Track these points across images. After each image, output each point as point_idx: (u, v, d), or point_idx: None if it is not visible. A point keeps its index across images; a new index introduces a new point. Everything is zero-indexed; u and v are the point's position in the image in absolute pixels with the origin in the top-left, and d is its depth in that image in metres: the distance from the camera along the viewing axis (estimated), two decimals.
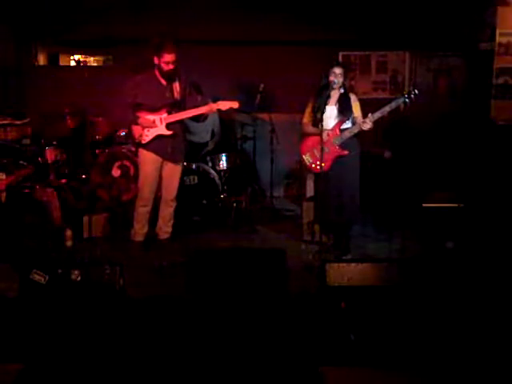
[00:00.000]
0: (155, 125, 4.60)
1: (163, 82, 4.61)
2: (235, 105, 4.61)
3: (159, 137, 4.62)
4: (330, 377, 2.58)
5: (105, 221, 5.31)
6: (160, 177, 4.77)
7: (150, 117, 4.60)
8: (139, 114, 4.61)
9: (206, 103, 4.66)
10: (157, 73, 4.59)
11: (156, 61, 4.52)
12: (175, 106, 4.62)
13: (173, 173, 4.80)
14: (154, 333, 3.21)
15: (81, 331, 3.12)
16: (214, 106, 4.58)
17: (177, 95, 4.64)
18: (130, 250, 4.78)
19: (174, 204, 4.88)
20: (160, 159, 4.70)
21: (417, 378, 2.59)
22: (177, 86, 4.65)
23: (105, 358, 2.91)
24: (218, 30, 6.62)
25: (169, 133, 4.62)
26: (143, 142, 4.65)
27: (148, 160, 4.70)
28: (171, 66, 4.49)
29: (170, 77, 4.57)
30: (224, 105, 4.59)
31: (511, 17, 6.32)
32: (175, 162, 4.77)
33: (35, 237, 4.76)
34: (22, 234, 4.69)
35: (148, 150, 4.68)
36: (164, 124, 4.61)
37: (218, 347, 3.02)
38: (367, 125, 4.36)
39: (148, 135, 4.62)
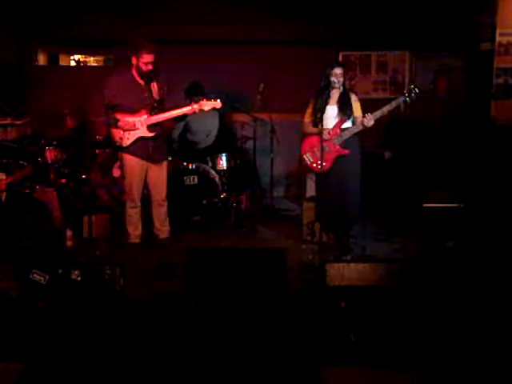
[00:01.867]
0: (136, 127, 4.49)
1: (141, 82, 4.51)
2: (218, 105, 4.49)
3: (140, 139, 4.53)
4: (329, 377, 2.58)
5: (105, 221, 5.31)
6: (146, 178, 4.71)
7: (130, 119, 4.48)
8: (118, 117, 4.51)
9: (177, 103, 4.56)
10: (134, 73, 4.49)
11: (134, 61, 4.44)
12: (155, 107, 4.51)
13: (158, 173, 4.73)
14: (153, 332, 3.21)
15: (81, 331, 3.12)
16: (197, 107, 4.47)
17: (156, 95, 4.54)
18: (130, 250, 4.77)
19: (165, 203, 4.84)
20: (143, 161, 4.62)
21: (417, 378, 2.59)
22: (155, 85, 4.54)
23: (105, 358, 2.91)
24: (218, 29, 6.62)
25: (151, 135, 4.52)
26: (124, 145, 4.55)
27: (131, 163, 4.62)
28: (150, 67, 4.41)
29: (148, 77, 4.48)
30: (206, 105, 4.47)
31: (511, 16, 6.32)
32: (157, 162, 4.69)
33: (35, 237, 4.76)
34: (22, 234, 4.69)
35: (129, 153, 4.59)
36: (145, 126, 4.50)
37: (217, 347, 3.02)
38: (370, 121, 4.35)
39: (129, 138, 4.52)
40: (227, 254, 3.95)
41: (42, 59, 7.37)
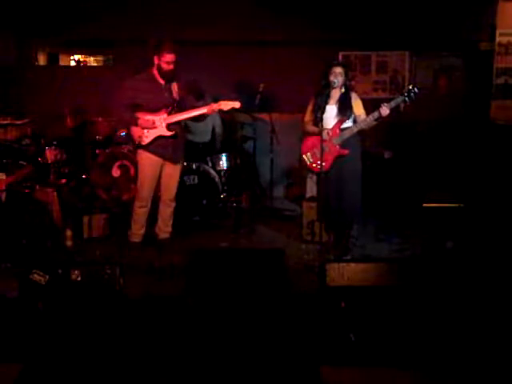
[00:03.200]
0: (155, 126, 4.56)
1: (161, 81, 4.58)
2: (237, 105, 4.54)
3: (159, 138, 4.60)
4: (329, 377, 2.58)
5: (104, 221, 5.31)
6: (159, 177, 4.75)
7: (150, 117, 4.56)
8: (138, 115, 4.57)
9: (206, 103, 4.64)
10: (155, 72, 4.56)
11: (156, 60, 4.51)
12: (175, 106, 4.59)
13: (172, 173, 4.78)
14: (153, 333, 3.21)
15: (81, 331, 3.12)
16: (216, 106, 4.53)
17: (175, 95, 4.63)
18: (130, 250, 4.78)
19: (173, 204, 4.87)
20: (160, 160, 4.68)
21: (417, 378, 2.59)
22: (175, 85, 4.63)
23: (105, 358, 2.91)
24: (218, 30, 6.62)
25: (170, 133, 4.58)
26: (143, 143, 4.61)
27: (148, 161, 4.67)
28: (171, 66, 4.48)
29: (168, 76, 4.55)
30: (226, 105, 4.53)
31: (511, 16, 6.32)
32: (175, 162, 4.76)
33: (35, 237, 4.76)
34: (21, 234, 4.69)
35: (148, 151, 4.64)
36: (165, 125, 4.57)
37: (217, 347, 3.02)
38: (385, 110, 4.33)
39: (148, 136, 4.59)
40: (227, 255, 3.95)
41: (41, 59, 7.37)
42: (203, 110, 4.55)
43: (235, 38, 6.70)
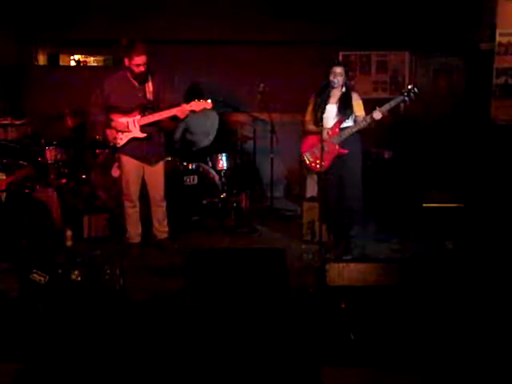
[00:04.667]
0: (128, 127, 4.50)
1: (135, 83, 4.51)
2: (208, 105, 4.45)
3: (134, 139, 4.54)
4: (330, 377, 2.58)
5: (104, 221, 5.30)
6: (143, 179, 4.71)
7: (123, 119, 4.50)
8: (112, 117, 4.52)
9: (178, 104, 4.48)
10: (128, 74, 4.49)
11: (127, 63, 4.41)
12: (148, 108, 4.50)
13: (154, 174, 4.72)
14: (153, 333, 3.21)
15: (80, 331, 3.12)
16: (187, 107, 4.42)
17: (150, 96, 4.52)
18: (130, 250, 4.77)
19: (163, 204, 4.82)
20: (138, 161, 4.62)
21: (417, 378, 2.59)
22: (149, 86, 4.52)
23: (104, 358, 2.91)
24: (217, 30, 6.62)
25: (143, 135, 4.52)
26: (118, 145, 4.58)
27: (126, 163, 4.64)
28: (142, 68, 4.39)
29: (140, 78, 4.47)
30: (197, 105, 4.42)
31: (511, 16, 6.32)
32: (152, 163, 4.67)
33: (35, 237, 4.75)
34: (21, 234, 4.69)
35: (124, 153, 4.61)
36: (138, 127, 4.50)
37: (218, 348, 3.02)
38: (378, 114, 4.34)
39: (122, 138, 4.54)
40: (227, 254, 3.95)
41: (41, 59, 7.37)
42: (173, 112, 4.43)
43: (235, 38, 6.70)
